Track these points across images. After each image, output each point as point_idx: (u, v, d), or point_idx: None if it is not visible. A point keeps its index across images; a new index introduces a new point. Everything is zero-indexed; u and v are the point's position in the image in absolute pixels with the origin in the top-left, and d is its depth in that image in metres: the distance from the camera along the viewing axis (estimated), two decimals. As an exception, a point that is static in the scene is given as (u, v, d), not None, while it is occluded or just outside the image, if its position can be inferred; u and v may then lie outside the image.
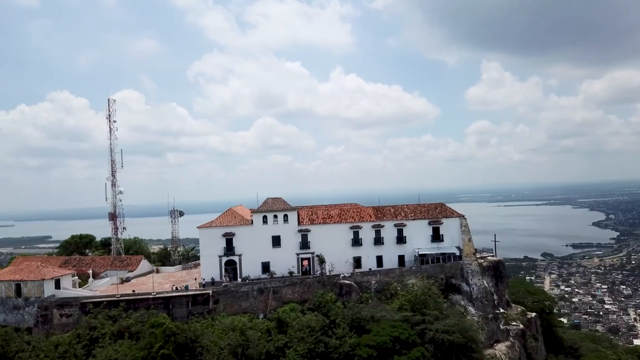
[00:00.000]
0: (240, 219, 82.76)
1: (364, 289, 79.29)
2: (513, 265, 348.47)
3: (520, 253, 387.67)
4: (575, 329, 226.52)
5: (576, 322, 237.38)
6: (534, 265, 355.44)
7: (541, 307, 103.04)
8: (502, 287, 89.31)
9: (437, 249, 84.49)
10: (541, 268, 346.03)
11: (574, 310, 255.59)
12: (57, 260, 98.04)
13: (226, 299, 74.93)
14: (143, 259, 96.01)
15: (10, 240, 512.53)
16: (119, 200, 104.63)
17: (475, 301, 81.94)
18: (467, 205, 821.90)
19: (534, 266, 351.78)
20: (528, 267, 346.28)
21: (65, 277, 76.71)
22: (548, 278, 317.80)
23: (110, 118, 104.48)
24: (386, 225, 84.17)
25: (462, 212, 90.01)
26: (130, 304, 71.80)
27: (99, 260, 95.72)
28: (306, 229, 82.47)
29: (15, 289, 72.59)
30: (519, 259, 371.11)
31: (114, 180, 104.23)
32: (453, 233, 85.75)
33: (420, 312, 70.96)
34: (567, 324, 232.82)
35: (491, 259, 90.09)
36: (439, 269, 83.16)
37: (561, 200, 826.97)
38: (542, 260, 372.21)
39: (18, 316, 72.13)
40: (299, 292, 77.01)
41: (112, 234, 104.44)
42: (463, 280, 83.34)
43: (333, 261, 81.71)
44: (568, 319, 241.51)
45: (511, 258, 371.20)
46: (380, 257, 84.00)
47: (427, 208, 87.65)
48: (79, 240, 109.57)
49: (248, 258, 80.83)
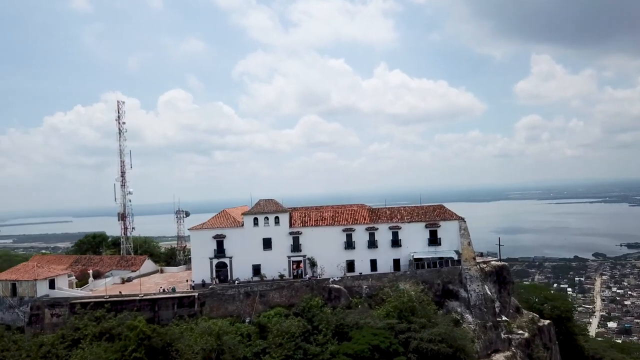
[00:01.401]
0: (233, 220, 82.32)
1: (354, 294, 77.20)
2: (561, 265, 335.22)
3: (571, 252, 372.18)
4: (625, 333, 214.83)
5: (627, 326, 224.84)
6: (585, 265, 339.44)
7: (558, 314, 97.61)
8: (506, 294, 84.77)
9: (434, 253, 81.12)
10: (592, 269, 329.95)
11: (626, 314, 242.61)
12: (69, 259, 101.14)
13: (212, 302, 74.71)
14: (147, 259, 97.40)
15: (68, 235, 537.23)
16: (128, 201, 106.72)
17: (473, 308, 78.15)
18: (517, 203, 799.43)
19: (585, 266, 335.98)
20: (578, 268, 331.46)
21: (60, 277, 78.60)
22: (599, 279, 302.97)
23: (119, 120, 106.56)
24: (380, 228, 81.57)
25: (510, 209, 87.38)
26: (118, 305, 72.76)
27: (107, 260, 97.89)
28: (298, 231, 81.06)
29: (11, 288, 75.03)
30: (569, 258, 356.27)
31: (123, 180, 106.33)
32: (452, 236, 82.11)
33: (407, 319, 68.33)
34: (617, 328, 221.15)
35: (495, 264, 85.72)
36: (436, 274, 79.84)
37: (617, 198, 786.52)
38: (593, 260, 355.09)
39: (14, 315, 74.49)
40: (287, 296, 75.79)
41: (122, 233, 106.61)
42: (461, 286, 79.65)
43: (325, 265, 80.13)
44: (618, 322, 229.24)
45: (559, 258, 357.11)
46: (374, 260, 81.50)
47: (425, 210, 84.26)
48: (92, 240, 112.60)
49: (239, 260, 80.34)
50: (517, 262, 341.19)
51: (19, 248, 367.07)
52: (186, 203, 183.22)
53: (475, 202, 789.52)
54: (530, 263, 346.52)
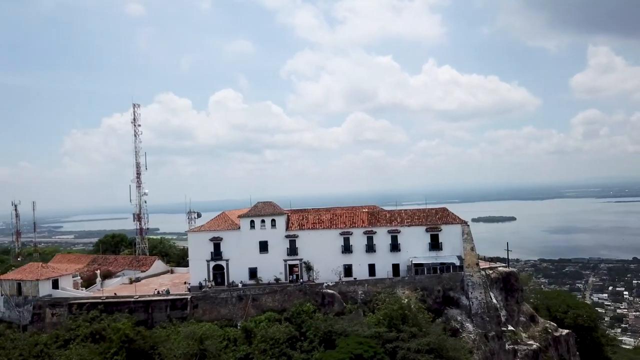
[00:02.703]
0: (230, 223, 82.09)
1: (349, 300, 75.24)
2: (618, 267, 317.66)
3: (629, 254, 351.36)
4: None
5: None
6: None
7: (581, 323, 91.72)
8: (514, 302, 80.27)
9: (435, 258, 77.85)
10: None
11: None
12: (88, 258, 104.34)
13: (205, 305, 74.79)
14: (157, 259, 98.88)
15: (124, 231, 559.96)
16: (143, 202, 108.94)
17: (475, 317, 74.45)
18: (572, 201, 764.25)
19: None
20: (637, 270, 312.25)
21: (64, 278, 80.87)
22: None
23: (135, 122, 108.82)
24: (379, 232, 79.03)
25: (565, 208, 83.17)
26: (113, 307, 74.08)
27: (120, 260, 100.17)
28: (294, 234, 79.86)
29: (17, 288, 77.92)
30: (627, 260, 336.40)
31: (138, 182, 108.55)
32: (454, 241, 78.52)
33: (397, 328, 65.78)
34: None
35: (502, 270, 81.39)
36: (436, 280, 76.61)
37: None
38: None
39: (19, 313, 77.23)
40: (279, 300, 74.81)
41: (137, 233, 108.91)
42: (463, 294, 76.10)
43: (322, 269, 78.50)
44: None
45: (617, 259, 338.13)
46: (372, 265, 79.12)
47: (427, 213, 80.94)
48: (111, 240, 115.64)
49: (235, 263, 79.99)
50: (570, 263, 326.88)
51: (79, 244, 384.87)
52: (236, 201, 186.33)
53: (528, 200, 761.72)
54: (584, 264, 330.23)
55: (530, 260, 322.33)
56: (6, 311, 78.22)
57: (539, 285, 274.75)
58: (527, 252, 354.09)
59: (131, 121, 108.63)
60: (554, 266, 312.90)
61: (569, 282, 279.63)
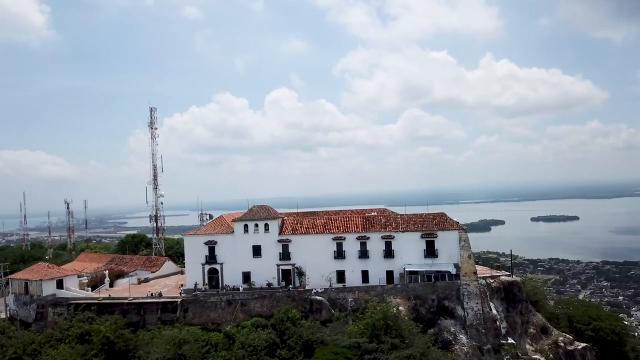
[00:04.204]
0: (226, 227, 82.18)
1: (339, 307, 73.41)
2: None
3: None
4: None
5: None
6: None
7: (603, 336, 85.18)
8: (516, 313, 75.47)
9: (430, 266, 74.51)
10: None
11: None
12: (107, 258, 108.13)
13: (195, 308, 75.26)
14: (167, 260, 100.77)
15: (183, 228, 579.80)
16: (160, 203, 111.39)
17: (469, 328, 70.69)
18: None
19: None
20: None
21: (69, 278, 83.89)
22: None
23: (152, 125, 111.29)
24: (372, 237, 76.58)
25: (637, 208, 76.50)
26: (108, 308, 75.96)
27: (135, 260, 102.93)
28: (287, 239, 78.83)
29: (24, 287, 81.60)
30: None
31: (155, 183, 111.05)
32: (451, 248, 74.78)
33: (378, 338, 63.47)
34: None
35: (504, 279, 76.75)
36: (430, 288, 73.33)
37: None
38: None
39: (26, 311, 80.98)
40: (268, 305, 74.05)
41: (153, 234, 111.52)
42: (458, 303, 72.43)
43: (315, 274, 77.08)
44: None
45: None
46: (366, 272, 76.80)
47: (424, 219, 77.53)
48: (131, 240, 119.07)
49: (229, 267, 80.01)
50: (637, 266, 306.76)
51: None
52: (293, 198, 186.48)
53: (593, 198, 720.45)
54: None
55: (592, 262, 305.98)
56: (16, 309, 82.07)
57: (600, 288, 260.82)
58: (590, 253, 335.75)
59: (148, 124, 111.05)
60: (618, 269, 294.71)
61: (634, 286, 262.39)
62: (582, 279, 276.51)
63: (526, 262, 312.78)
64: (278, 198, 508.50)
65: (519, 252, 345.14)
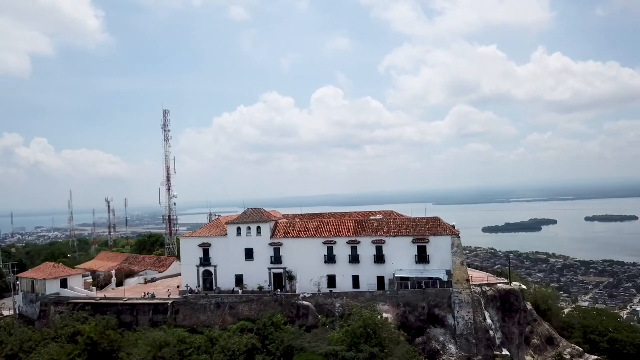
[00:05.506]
0: (221, 229, 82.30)
1: (326, 313, 71.94)
2: None
3: None
4: None
5: None
6: None
7: (618, 349, 79.92)
8: (512, 323, 71.50)
9: (422, 272, 71.76)
10: None
11: None
12: (122, 257, 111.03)
13: (186, 310, 75.82)
14: (175, 260, 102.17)
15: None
16: (173, 204, 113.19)
17: (459, 338, 67.60)
18: None
19: None
20: None
21: (74, 277, 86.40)
22: None
23: (165, 128, 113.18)
24: (363, 242, 74.58)
25: None
26: (104, 308, 77.73)
27: (147, 260, 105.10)
28: (278, 242, 78.04)
29: (31, 285, 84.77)
30: None
31: (168, 184, 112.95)
32: (443, 254, 71.71)
33: (357, 347, 61.77)
34: None
35: (502, 287, 72.88)
36: (420, 295, 70.66)
37: None
38: None
39: (32, 309, 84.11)
40: (256, 309, 73.63)
41: (166, 234, 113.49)
42: (449, 312, 69.42)
43: (306, 279, 76.00)
44: None
45: None
46: (356, 277, 74.94)
47: (416, 223, 74.73)
48: (148, 240, 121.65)
49: (223, 270, 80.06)
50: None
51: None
52: (340, 195, 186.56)
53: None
54: None
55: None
56: (24, 307, 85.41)
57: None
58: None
59: (161, 126, 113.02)
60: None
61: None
62: (638, 282, 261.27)
63: (577, 264, 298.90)
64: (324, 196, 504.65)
65: (571, 253, 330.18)
